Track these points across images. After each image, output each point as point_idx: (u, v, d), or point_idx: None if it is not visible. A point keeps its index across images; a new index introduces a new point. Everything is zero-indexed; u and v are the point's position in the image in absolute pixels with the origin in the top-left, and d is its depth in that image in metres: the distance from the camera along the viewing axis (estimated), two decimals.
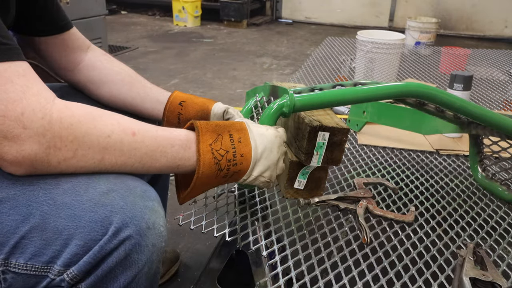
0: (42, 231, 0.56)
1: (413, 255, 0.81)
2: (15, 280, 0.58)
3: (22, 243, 0.56)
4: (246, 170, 0.70)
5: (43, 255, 0.57)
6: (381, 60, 1.92)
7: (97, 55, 0.95)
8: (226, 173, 0.68)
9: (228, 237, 0.84)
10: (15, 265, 0.57)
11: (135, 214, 0.58)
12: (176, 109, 0.91)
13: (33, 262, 0.57)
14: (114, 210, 0.57)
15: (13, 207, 0.57)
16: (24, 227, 0.56)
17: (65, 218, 0.56)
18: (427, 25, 3.48)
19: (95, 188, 0.58)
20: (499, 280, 0.71)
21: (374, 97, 0.83)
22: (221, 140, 0.68)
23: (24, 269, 0.57)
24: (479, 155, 1.09)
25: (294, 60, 4.01)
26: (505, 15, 5.07)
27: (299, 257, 0.78)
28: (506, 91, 1.86)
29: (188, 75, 3.46)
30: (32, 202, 0.57)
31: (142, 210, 0.59)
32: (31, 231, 0.56)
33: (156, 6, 6.09)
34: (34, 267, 0.57)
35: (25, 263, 0.57)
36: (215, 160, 0.66)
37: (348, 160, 1.20)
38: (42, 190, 0.58)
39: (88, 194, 0.58)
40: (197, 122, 0.68)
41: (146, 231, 0.59)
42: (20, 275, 0.57)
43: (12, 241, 0.56)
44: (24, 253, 0.56)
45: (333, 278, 0.74)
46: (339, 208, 0.93)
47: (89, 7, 3.00)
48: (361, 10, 5.65)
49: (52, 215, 0.56)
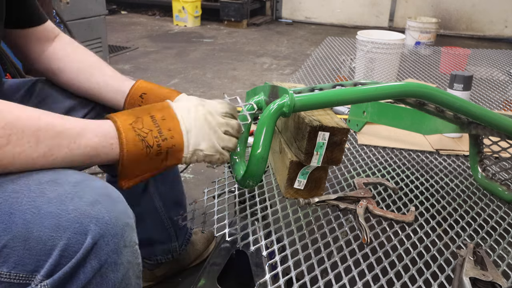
0: (25, 240, 0.55)
1: (413, 255, 0.81)
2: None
3: (4, 252, 0.55)
4: (181, 143, 0.66)
5: (27, 264, 0.55)
6: (381, 60, 1.92)
7: (62, 44, 0.93)
8: (159, 151, 0.65)
9: (228, 237, 0.84)
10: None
11: (116, 231, 0.58)
12: (137, 102, 0.87)
13: (16, 271, 0.56)
14: (98, 224, 0.56)
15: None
16: (6, 236, 0.55)
17: (49, 228, 0.55)
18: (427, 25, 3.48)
19: (81, 198, 0.57)
20: (499, 280, 0.71)
21: (374, 97, 0.83)
22: (142, 121, 0.65)
23: (7, 277, 0.56)
24: (479, 155, 1.09)
25: (294, 60, 4.01)
26: (505, 15, 5.07)
27: (299, 257, 0.78)
28: (506, 91, 1.86)
29: (188, 75, 3.46)
30: (15, 210, 0.55)
31: (123, 228, 0.59)
32: (13, 240, 0.55)
33: (156, 6, 6.09)
34: (18, 275, 0.56)
35: (9, 271, 0.56)
36: (139, 137, 0.63)
37: (348, 160, 1.20)
38: (26, 198, 0.56)
39: (74, 203, 0.56)
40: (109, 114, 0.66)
41: (123, 249, 0.59)
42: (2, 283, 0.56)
43: None
44: (7, 262, 0.55)
45: (333, 278, 0.74)
46: (339, 208, 0.93)
47: (89, 7, 3.00)
48: (361, 10, 5.65)
49: (36, 224, 0.55)
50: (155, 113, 0.67)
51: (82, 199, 0.57)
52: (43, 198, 0.56)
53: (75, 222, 0.55)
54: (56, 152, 0.59)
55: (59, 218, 0.55)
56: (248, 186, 0.82)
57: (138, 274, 0.64)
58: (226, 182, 1.05)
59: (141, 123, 0.65)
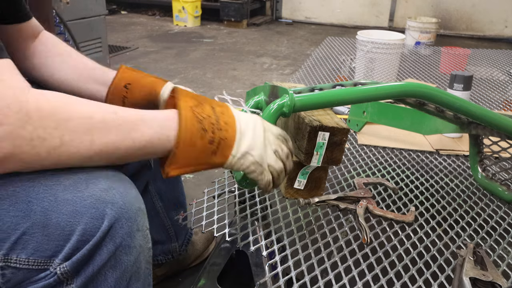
0: (43, 227, 0.56)
1: (413, 255, 0.81)
2: (14, 275, 0.58)
3: (23, 239, 0.57)
4: (233, 138, 0.64)
5: (45, 250, 0.57)
6: (381, 60, 1.92)
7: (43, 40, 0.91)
8: (212, 138, 0.62)
9: (228, 237, 0.84)
10: (16, 260, 0.57)
11: (130, 215, 0.60)
12: (121, 93, 0.85)
13: (35, 256, 0.57)
14: (113, 208, 0.58)
15: (13, 203, 0.56)
16: (25, 223, 0.56)
17: (67, 214, 0.57)
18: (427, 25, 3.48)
19: (96, 184, 0.59)
20: (499, 280, 0.71)
21: (374, 97, 0.83)
22: (202, 107, 0.64)
23: (26, 263, 0.58)
24: (479, 155, 1.09)
25: (294, 60, 4.01)
26: (505, 15, 5.07)
27: (299, 257, 0.78)
28: (506, 91, 1.86)
29: (188, 75, 3.46)
30: (32, 198, 0.57)
31: (136, 212, 0.61)
32: (32, 227, 0.56)
33: (156, 6, 6.08)
34: (36, 261, 0.58)
35: (27, 258, 0.57)
36: (197, 118, 0.62)
37: (348, 160, 1.20)
38: (43, 187, 0.57)
39: (89, 190, 0.58)
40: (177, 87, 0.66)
41: (136, 233, 0.61)
42: (20, 270, 0.58)
43: (13, 237, 0.56)
44: (26, 249, 0.57)
45: (333, 278, 0.74)
46: (339, 208, 0.93)
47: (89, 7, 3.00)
48: (361, 10, 5.65)
49: (53, 211, 0.56)
50: (215, 106, 0.66)
51: (96, 185, 0.58)
52: (59, 186, 0.57)
53: (91, 207, 0.57)
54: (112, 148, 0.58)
55: (76, 204, 0.57)
56: (248, 186, 0.82)
57: (148, 259, 0.66)
58: (226, 182, 1.05)
59: (201, 108, 0.64)
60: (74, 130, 0.55)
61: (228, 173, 1.07)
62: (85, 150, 0.57)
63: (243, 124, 0.66)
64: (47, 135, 0.53)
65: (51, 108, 0.54)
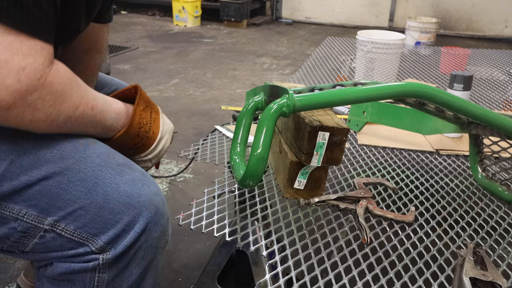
0: (100, 208, 0.63)
1: (413, 255, 0.81)
2: (53, 240, 0.63)
3: (78, 213, 0.63)
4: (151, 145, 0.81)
5: (93, 228, 0.63)
6: (381, 60, 1.92)
7: None
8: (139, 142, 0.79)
9: (228, 237, 0.84)
10: (63, 228, 0.63)
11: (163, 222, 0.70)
12: None
13: (82, 231, 0.63)
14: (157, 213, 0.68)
15: (81, 179, 0.63)
16: (86, 200, 0.63)
17: (123, 204, 0.64)
18: (427, 25, 3.48)
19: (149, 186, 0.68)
20: (499, 280, 0.71)
21: (374, 97, 0.83)
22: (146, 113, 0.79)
23: (70, 234, 0.63)
24: (479, 155, 1.09)
25: (294, 60, 4.01)
26: (505, 15, 5.07)
27: (299, 257, 0.78)
28: (506, 91, 1.86)
29: (188, 75, 3.46)
30: (99, 180, 0.64)
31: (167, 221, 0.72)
32: (90, 205, 0.63)
33: (156, 6, 6.09)
34: (81, 235, 0.63)
35: (75, 229, 0.63)
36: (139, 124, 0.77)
37: (348, 160, 1.20)
38: (109, 174, 0.65)
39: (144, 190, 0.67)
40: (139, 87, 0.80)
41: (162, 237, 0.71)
42: (62, 237, 0.63)
43: (70, 208, 0.62)
44: (77, 221, 0.63)
45: (333, 278, 0.74)
46: (339, 208, 0.93)
47: None
48: (361, 10, 5.65)
49: (113, 198, 0.64)
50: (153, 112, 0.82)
51: (149, 187, 0.68)
52: (122, 178, 0.66)
53: (142, 205, 0.66)
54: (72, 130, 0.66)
55: (132, 198, 0.65)
56: (248, 186, 0.82)
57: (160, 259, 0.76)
58: (226, 182, 1.05)
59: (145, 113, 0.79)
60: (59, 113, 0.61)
61: (228, 173, 1.07)
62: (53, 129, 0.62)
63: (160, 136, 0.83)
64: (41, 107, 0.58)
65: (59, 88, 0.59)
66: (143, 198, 0.66)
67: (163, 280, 1.32)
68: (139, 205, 0.65)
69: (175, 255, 1.40)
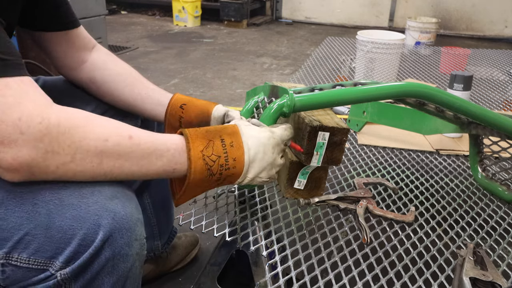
0: (46, 229, 0.58)
1: (413, 255, 0.81)
2: (14, 273, 0.60)
3: (25, 239, 0.58)
4: (240, 173, 0.70)
5: (46, 251, 0.58)
6: (381, 60, 1.92)
7: (101, 55, 0.95)
8: (219, 177, 0.68)
9: (228, 237, 0.84)
10: (17, 259, 0.59)
11: (130, 226, 0.61)
12: (178, 112, 0.90)
13: (36, 257, 0.59)
14: (115, 218, 0.60)
15: (19, 204, 0.58)
16: (29, 224, 0.58)
17: (70, 218, 0.58)
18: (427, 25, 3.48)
19: (100, 192, 0.60)
20: (499, 280, 0.71)
21: (374, 97, 0.83)
22: (212, 146, 0.67)
23: (26, 263, 0.59)
24: (479, 155, 1.09)
25: (294, 60, 4.01)
26: (505, 15, 5.07)
27: (299, 257, 0.78)
28: (506, 91, 1.86)
29: (188, 75, 3.46)
30: (38, 200, 0.58)
31: (135, 223, 0.63)
32: (35, 228, 0.58)
33: (156, 6, 6.08)
34: (36, 261, 0.59)
35: (28, 257, 0.59)
36: (206, 166, 0.66)
37: (348, 160, 1.20)
38: (49, 190, 0.59)
39: (94, 197, 0.60)
40: (185, 130, 0.68)
41: (134, 242, 0.63)
42: (20, 268, 0.59)
43: (16, 236, 0.58)
44: (28, 248, 0.58)
45: (333, 278, 0.74)
46: (339, 208, 0.93)
47: (89, 7, 3.00)
48: (361, 10, 5.65)
49: (58, 214, 0.58)
50: (225, 137, 0.69)
51: (101, 192, 0.60)
52: (66, 190, 0.59)
53: (94, 214, 0.58)
54: (117, 172, 0.61)
55: (80, 210, 0.58)
56: (248, 186, 0.82)
57: (142, 263, 0.69)
58: None
59: (211, 148, 0.67)
60: (87, 150, 0.57)
61: None
62: (91, 170, 0.59)
63: (252, 153, 0.70)
64: (60, 150, 0.55)
65: (70, 125, 0.56)
66: (93, 207, 0.59)
67: (163, 280, 1.32)
68: (90, 214, 0.58)
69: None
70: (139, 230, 0.64)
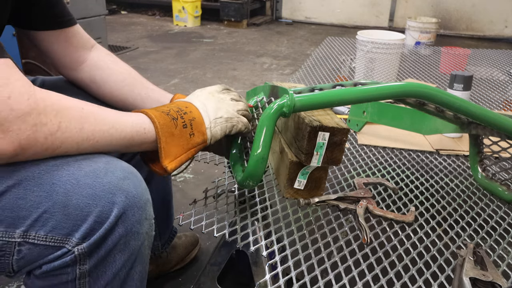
0: (64, 207, 0.61)
1: (413, 255, 0.81)
2: (30, 252, 0.63)
3: (43, 217, 0.61)
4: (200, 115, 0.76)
5: (63, 228, 0.62)
6: (381, 60, 1.92)
7: (101, 55, 0.96)
8: (183, 122, 0.73)
9: (228, 237, 0.84)
10: (34, 236, 0.62)
11: (141, 205, 0.66)
12: None
13: (53, 234, 0.62)
14: (128, 196, 0.64)
15: (38, 184, 0.61)
16: (47, 202, 0.61)
17: (86, 196, 0.62)
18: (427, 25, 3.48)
19: (113, 173, 0.65)
20: (499, 280, 0.71)
21: (374, 97, 0.83)
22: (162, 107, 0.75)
23: (43, 240, 0.62)
24: (479, 155, 1.09)
25: (294, 60, 4.01)
26: (505, 15, 5.07)
27: (299, 257, 0.78)
28: (506, 91, 1.86)
29: (188, 75, 3.46)
30: (56, 181, 0.62)
31: (145, 203, 0.67)
32: (53, 206, 0.61)
33: (156, 6, 6.09)
34: (54, 238, 0.62)
35: (46, 234, 0.62)
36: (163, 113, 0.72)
37: (348, 160, 1.20)
38: (66, 171, 0.63)
39: (108, 177, 0.64)
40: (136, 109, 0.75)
41: (144, 221, 0.68)
42: (37, 246, 0.62)
43: (35, 214, 0.61)
44: (45, 226, 0.62)
45: (333, 278, 0.74)
46: (339, 208, 0.93)
47: (89, 7, 3.00)
48: (361, 10, 5.65)
49: (74, 193, 0.62)
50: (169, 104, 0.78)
51: (114, 174, 0.65)
52: (81, 172, 0.63)
53: (108, 192, 0.63)
54: (98, 136, 0.65)
55: (95, 189, 0.63)
56: (248, 186, 0.82)
57: (150, 245, 0.73)
58: (226, 182, 1.05)
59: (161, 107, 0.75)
60: (70, 118, 0.62)
61: (229, 173, 1.07)
62: (76, 136, 0.63)
63: (197, 101, 0.79)
64: (48, 121, 0.59)
65: (52, 99, 0.61)
66: (107, 186, 0.63)
67: (163, 280, 1.32)
68: (105, 193, 0.63)
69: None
70: (148, 209, 0.68)
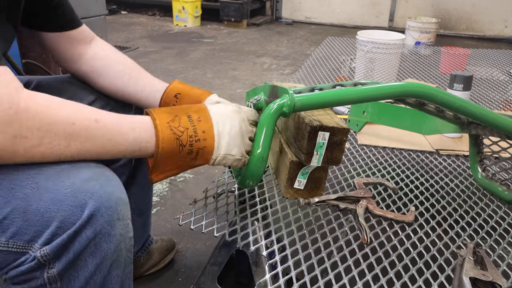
0: (24, 212, 0.59)
1: (413, 255, 0.81)
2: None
3: (4, 223, 0.59)
4: (211, 146, 0.70)
5: (25, 234, 0.59)
6: (381, 60, 1.92)
7: (99, 45, 0.97)
8: (190, 150, 0.68)
9: (228, 237, 0.84)
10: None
11: (110, 204, 0.62)
12: (171, 102, 0.91)
13: (15, 240, 0.60)
14: (93, 198, 0.60)
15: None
16: (6, 208, 0.58)
17: (47, 201, 0.59)
18: (427, 25, 3.48)
19: (77, 175, 0.61)
20: (499, 280, 0.71)
21: (374, 97, 0.83)
22: (179, 120, 0.68)
23: (5, 246, 0.60)
24: (479, 155, 1.09)
25: (294, 60, 4.01)
26: (505, 15, 5.07)
27: (299, 257, 0.78)
28: (506, 91, 1.86)
29: (188, 75, 3.46)
30: (15, 185, 0.59)
31: (116, 202, 0.63)
32: (13, 212, 0.58)
33: (156, 6, 6.09)
34: (16, 244, 0.60)
35: (7, 241, 0.60)
36: (174, 135, 0.67)
37: (348, 160, 1.20)
38: (26, 175, 0.60)
39: (70, 180, 0.60)
40: (150, 109, 0.70)
41: (116, 222, 0.63)
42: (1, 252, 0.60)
43: None
44: (6, 232, 0.59)
45: (333, 278, 0.74)
46: (339, 208, 0.93)
47: (89, 7, 3.00)
48: (361, 10, 5.65)
49: (34, 198, 0.59)
50: (192, 114, 0.70)
51: (77, 175, 0.61)
52: (42, 175, 0.60)
53: (71, 196, 0.59)
54: (87, 154, 0.63)
55: (57, 193, 0.59)
56: (248, 186, 0.82)
57: (130, 248, 0.69)
58: (226, 182, 1.05)
59: (178, 121, 0.68)
60: (55, 133, 0.58)
61: (228, 173, 1.07)
62: (59, 152, 0.60)
63: (220, 126, 0.72)
64: (29, 134, 0.56)
65: (39, 109, 0.57)
66: (70, 189, 0.59)
67: (163, 280, 1.32)
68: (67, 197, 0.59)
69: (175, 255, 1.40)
70: (121, 209, 0.64)
